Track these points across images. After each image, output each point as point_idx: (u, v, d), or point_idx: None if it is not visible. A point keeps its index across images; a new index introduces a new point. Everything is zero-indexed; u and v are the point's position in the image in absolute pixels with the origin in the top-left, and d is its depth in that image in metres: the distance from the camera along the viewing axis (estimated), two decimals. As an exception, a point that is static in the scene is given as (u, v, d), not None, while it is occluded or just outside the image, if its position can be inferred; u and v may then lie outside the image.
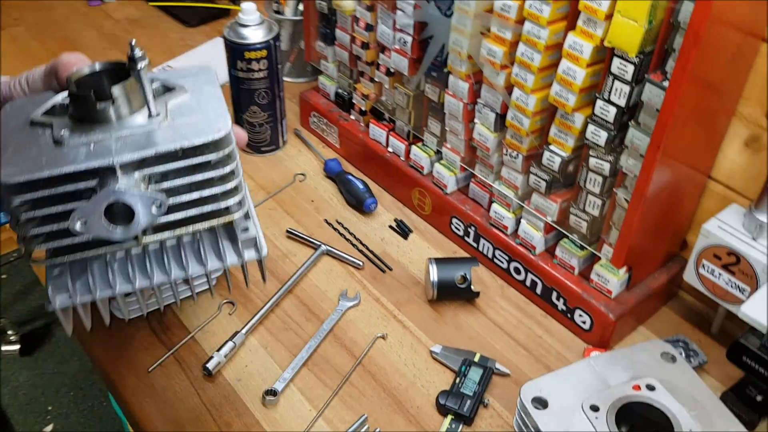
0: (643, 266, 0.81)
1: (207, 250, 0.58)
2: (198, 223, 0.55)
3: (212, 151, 0.53)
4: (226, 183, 0.54)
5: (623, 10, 0.64)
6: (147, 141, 0.52)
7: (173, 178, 0.53)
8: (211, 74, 0.61)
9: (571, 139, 0.76)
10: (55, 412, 2.04)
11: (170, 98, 0.57)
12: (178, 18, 1.46)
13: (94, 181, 0.51)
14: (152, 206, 0.51)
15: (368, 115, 1.04)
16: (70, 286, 0.55)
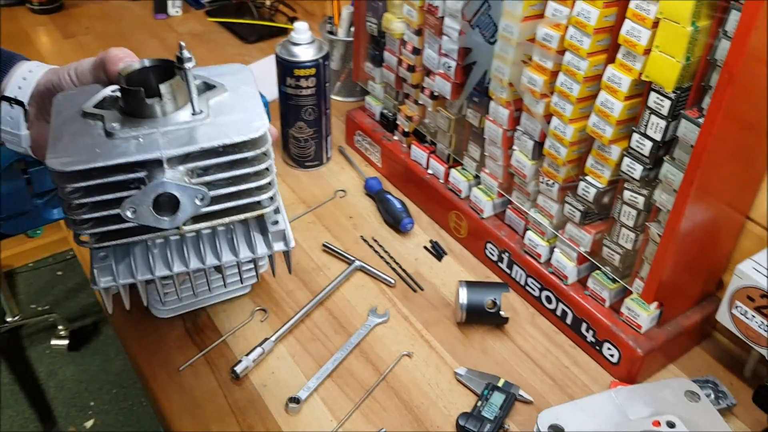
0: (676, 303, 0.80)
1: (239, 240, 0.62)
2: (233, 215, 0.58)
3: (250, 149, 0.56)
4: (260, 179, 0.58)
5: (661, 45, 0.64)
6: (191, 137, 0.55)
7: (213, 172, 0.56)
8: (248, 73, 0.64)
9: (607, 171, 0.76)
10: (96, 408, 2.10)
11: (211, 96, 0.60)
12: (237, 34, 1.51)
13: (143, 172, 0.54)
14: (196, 198, 0.54)
15: (411, 137, 1.06)
16: (113, 269, 0.59)
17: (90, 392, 2.14)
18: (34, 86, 0.70)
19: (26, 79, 0.70)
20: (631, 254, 0.78)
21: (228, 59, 1.43)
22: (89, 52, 1.45)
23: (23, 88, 0.70)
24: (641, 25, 0.66)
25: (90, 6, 1.65)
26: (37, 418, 2.06)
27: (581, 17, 0.70)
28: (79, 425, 2.05)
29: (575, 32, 0.72)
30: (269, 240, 0.61)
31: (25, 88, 0.70)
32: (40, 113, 0.71)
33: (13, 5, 1.61)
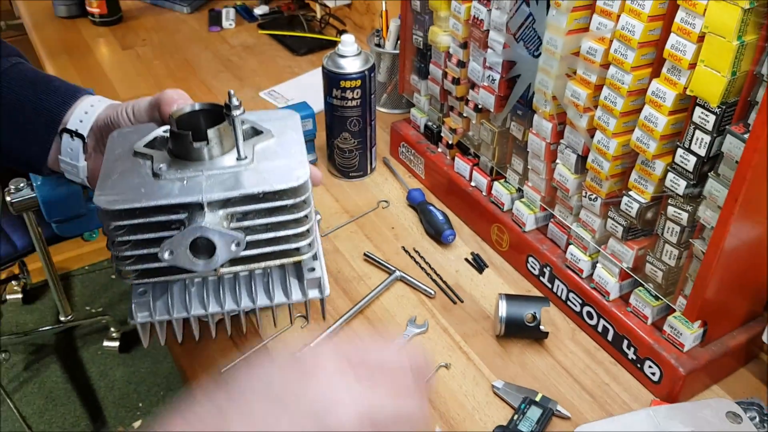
0: (720, 322, 0.79)
1: (275, 284, 0.62)
2: (270, 260, 0.58)
3: (290, 197, 0.56)
4: (299, 226, 0.58)
5: (707, 59, 0.63)
6: (233, 182, 0.56)
7: (253, 217, 0.57)
8: (296, 120, 0.64)
9: (651, 186, 0.75)
10: (144, 410, 2.15)
11: (257, 141, 0.61)
12: (287, 47, 1.54)
13: (184, 214, 0.55)
14: (232, 244, 0.54)
15: (454, 149, 1.06)
16: (151, 305, 0.60)
17: (138, 393, 2.19)
18: (94, 120, 0.72)
19: (87, 113, 0.73)
20: (674, 271, 0.77)
21: (278, 71, 1.46)
22: (145, 62, 1.51)
23: (84, 121, 0.72)
24: (686, 39, 0.65)
25: (148, 19, 1.70)
26: (87, 417, 2.12)
27: (626, 31, 0.70)
28: (127, 425, 2.10)
29: (619, 46, 0.71)
30: (304, 286, 0.61)
31: (85, 121, 0.72)
32: (97, 146, 0.73)
33: (75, 17, 1.67)
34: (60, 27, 1.66)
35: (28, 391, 2.19)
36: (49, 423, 2.10)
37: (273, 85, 1.41)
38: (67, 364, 2.28)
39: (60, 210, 0.93)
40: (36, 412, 2.12)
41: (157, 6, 1.76)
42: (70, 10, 1.67)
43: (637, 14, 0.69)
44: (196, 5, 1.74)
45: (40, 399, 2.16)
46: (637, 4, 0.68)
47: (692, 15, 0.64)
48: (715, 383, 0.82)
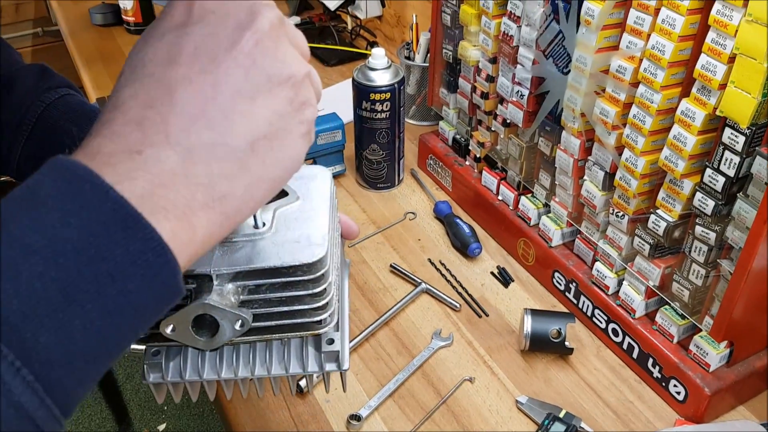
0: (747, 343, 0.78)
1: (291, 353, 0.59)
2: (286, 333, 0.56)
3: (304, 273, 0.53)
4: (316, 300, 0.54)
5: (737, 80, 0.63)
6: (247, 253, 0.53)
7: (266, 290, 0.54)
8: (325, 180, 0.60)
9: (679, 205, 0.75)
10: (169, 413, 2.18)
11: (280, 205, 0.57)
12: (318, 58, 1.56)
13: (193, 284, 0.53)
14: (236, 323, 0.52)
15: (482, 163, 1.07)
16: (163, 367, 0.59)
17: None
18: None
19: None
20: (701, 291, 0.77)
21: (308, 81, 1.48)
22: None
23: None
24: (717, 60, 0.65)
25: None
26: (113, 418, 2.15)
27: (656, 50, 0.70)
28: (152, 428, 2.13)
29: (649, 65, 0.72)
30: (321, 358, 0.58)
31: None
32: None
33: (111, 25, 1.71)
34: (96, 35, 1.70)
35: (57, 391, 2.22)
36: (76, 423, 2.14)
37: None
38: (95, 366, 2.31)
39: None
40: (63, 412, 2.16)
41: (190, 16, 1.79)
42: (106, 18, 1.71)
43: (668, 34, 0.69)
44: (229, 15, 1.76)
45: (67, 399, 2.20)
46: (668, 24, 0.68)
47: (723, 36, 0.64)
48: (740, 404, 0.82)
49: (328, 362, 0.58)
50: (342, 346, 0.58)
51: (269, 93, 0.38)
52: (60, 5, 1.84)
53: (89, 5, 1.75)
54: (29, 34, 2.25)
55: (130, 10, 1.64)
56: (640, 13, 0.72)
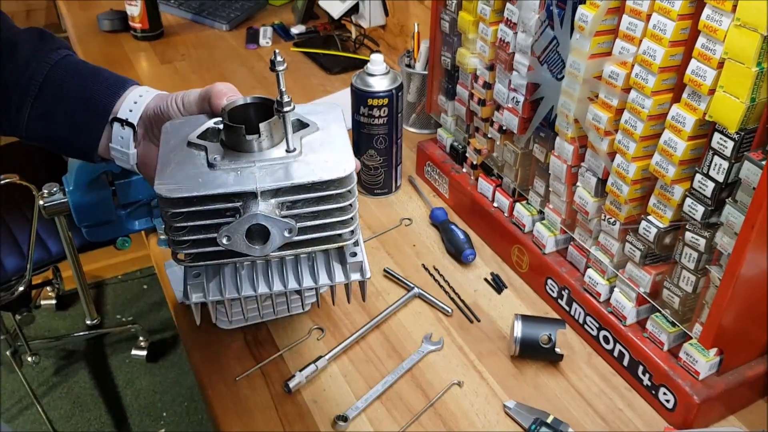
0: (737, 352, 0.77)
1: (319, 267, 0.66)
2: (316, 246, 0.63)
3: (336, 187, 0.60)
4: (344, 214, 0.61)
5: (726, 85, 0.64)
6: (284, 173, 0.59)
7: (301, 206, 0.60)
8: (339, 113, 0.68)
9: (670, 211, 0.75)
10: (168, 419, 2.17)
11: (305, 134, 0.64)
12: (321, 65, 1.57)
13: (238, 202, 0.59)
14: (285, 231, 0.58)
15: (478, 170, 1.07)
16: (204, 286, 0.64)
17: (163, 403, 2.22)
18: (143, 109, 0.75)
19: (137, 103, 0.76)
20: (691, 298, 0.77)
21: (311, 89, 1.49)
22: (183, 76, 1.55)
23: (134, 111, 0.75)
24: (707, 64, 0.65)
25: (188, 35, 1.75)
26: (112, 424, 2.15)
27: (647, 56, 0.70)
28: (150, 433, 2.13)
29: (641, 70, 0.72)
30: (347, 270, 0.65)
31: (135, 111, 0.75)
32: (147, 134, 0.76)
33: (118, 32, 1.73)
34: (103, 41, 1.72)
35: (57, 395, 2.23)
36: (75, 428, 2.13)
37: (305, 102, 1.43)
38: (96, 371, 2.32)
39: (90, 215, 0.96)
40: (63, 417, 2.16)
41: (197, 23, 1.81)
42: (113, 24, 1.73)
43: (659, 39, 0.69)
44: (235, 23, 1.78)
45: (67, 404, 2.20)
46: (659, 29, 0.69)
47: (713, 41, 0.64)
48: (731, 414, 0.81)
49: (353, 272, 0.66)
50: (363, 258, 0.66)
51: None
52: (69, 11, 1.87)
53: (97, 11, 1.77)
54: (39, 39, 2.28)
55: (137, 16, 1.66)
56: (632, 18, 0.72)
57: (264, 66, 1.59)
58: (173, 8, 1.84)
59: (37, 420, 2.11)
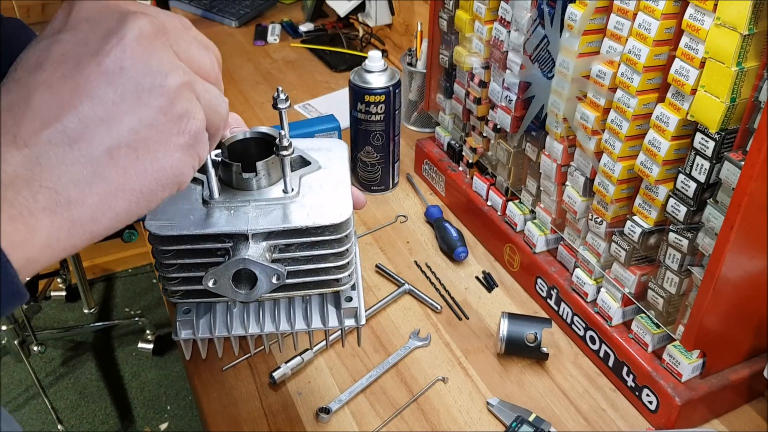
0: (721, 355, 0.77)
1: (313, 310, 0.64)
2: (310, 289, 0.61)
3: (332, 233, 0.58)
4: (339, 259, 0.59)
5: (707, 85, 0.63)
6: (279, 215, 0.58)
7: (295, 249, 0.59)
8: (344, 151, 0.65)
9: (655, 212, 0.75)
10: (172, 412, 2.19)
11: (304, 173, 0.62)
12: (326, 62, 1.58)
13: (229, 243, 0.58)
14: (273, 277, 0.56)
15: (474, 168, 1.07)
16: (194, 324, 0.63)
17: (167, 396, 2.24)
18: None
19: None
20: (675, 299, 0.76)
21: (315, 85, 1.50)
22: (189, 72, 1.56)
23: None
24: (690, 64, 0.65)
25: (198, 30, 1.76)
26: (117, 415, 2.17)
27: (632, 55, 0.70)
28: (154, 427, 2.15)
29: (626, 69, 0.72)
30: (341, 314, 0.63)
31: None
32: None
33: (129, 27, 1.75)
34: (114, 35, 1.73)
35: (63, 386, 2.25)
36: (80, 418, 2.16)
37: (309, 98, 1.44)
38: (102, 363, 2.35)
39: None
40: (68, 407, 2.19)
41: (207, 19, 1.82)
42: (124, 19, 1.75)
43: (644, 38, 0.69)
44: (245, 20, 1.80)
45: (73, 394, 2.23)
46: (644, 28, 0.69)
47: (695, 40, 0.64)
48: (715, 417, 0.81)
49: (347, 318, 0.64)
50: (359, 303, 0.63)
51: (137, 101, 0.38)
52: (82, 6, 1.89)
53: (110, 6, 1.80)
54: (55, 34, 2.30)
55: (147, 11, 1.68)
56: (620, 18, 0.72)
57: (271, 62, 1.60)
58: (184, 4, 1.86)
59: (43, 410, 2.13)
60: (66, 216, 0.36)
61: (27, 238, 0.34)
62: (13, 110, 0.36)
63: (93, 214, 0.37)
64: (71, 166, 0.36)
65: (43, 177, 0.35)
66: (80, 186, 0.36)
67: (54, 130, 0.36)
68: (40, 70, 0.37)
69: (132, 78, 0.37)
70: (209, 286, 0.56)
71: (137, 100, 0.38)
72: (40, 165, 0.35)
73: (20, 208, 0.34)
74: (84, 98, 0.36)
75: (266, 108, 1.42)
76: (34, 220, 0.35)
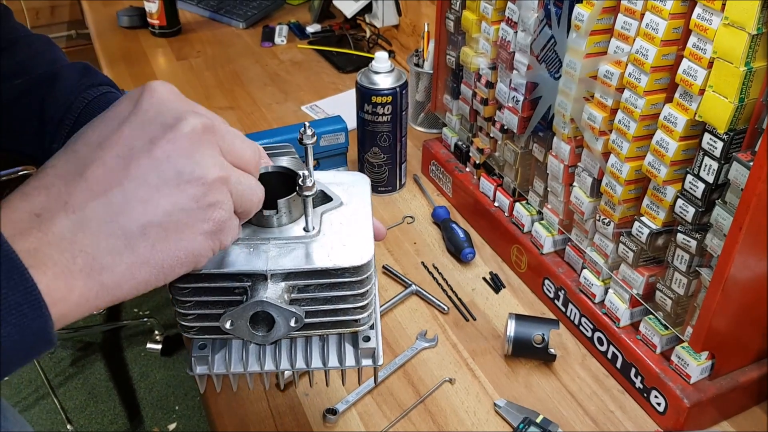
0: (730, 356, 0.77)
1: (330, 349, 0.63)
2: (328, 329, 0.59)
3: (352, 275, 0.56)
4: (360, 300, 0.58)
5: (715, 85, 0.63)
6: (299, 254, 0.56)
7: (314, 290, 0.57)
8: (366, 186, 0.64)
9: (662, 212, 0.75)
10: (180, 413, 2.20)
11: (326, 209, 0.61)
12: (334, 64, 1.58)
13: (248, 282, 0.56)
14: (291, 320, 0.55)
15: (481, 169, 1.07)
16: (209, 359, 0.62)
17: (176, 397, 2.24)
18: None
19: None
20: (684, 300, 0.76)
21: (322, 86, 1.50)
22: (197, 73, 1.57)
23: None
24: (697, 64, 0.65)
25: (204, 32, 1.77)
26: (125, 416, 2.18)
27: (640, 55, 0.70)
28: (162, 427, 2.15)
29: (634, 70, 0.72)
30: (358, 354, 0.62)
31: None
32: None
33: (137, 28, 1.76)
34: (121, 37, 1.74)
35: (72, 386, 2.26)
36: (89, 418, 2.17)
37: (316, 100, 1.44)
38: (111, 363, 2.35)
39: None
40: (77, 407, 2.20)
41: (214, 20, 1.83)
42: (132, 20, 1.76)
43: (651, 38, 0.69)
44: (252, 21, 1.80)
45: (82, 394, 2.24)
46: (651, 28, 0.68)
47: (703, 40, 0.64)
48: (724, 419, 0.80)
49: (364, 358, 0.62)
50: (377, 343, 0.62)
51: (175, 188, 0.42)
52: (90, 7, 1.90)
53: (117, 8, 1.81)
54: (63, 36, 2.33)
55: (155, 13, 1.69)
56: (627, 18, 0.72)
57: (278, 64, 1.61)
58: (192, 5, 1.87)
59: (53, 409, 2.14)
60: (97, 279, 0.40)
61: (65, 296, 0.39)
62: (67, 179, 0.40)
63: (119, 281, 0.41)
64: (109, 236, 0.40)
65: (85, 243, 0.39)
66: (113, 254, 0.40)
67: (100, 202, 0.40)
68: (100, 149, 0.41)
69: (175, 167, 0.42)
70: (226, 328, 0.56)
71: (175, 187, 0.42)
72: (83, 231, 0.39)
73: (62, 267, 0.38)
74: (131, 179, 0.41)
75: (273, 109, 1.42)
76: (72, 280, 0.39)
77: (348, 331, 0.60)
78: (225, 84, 1.52)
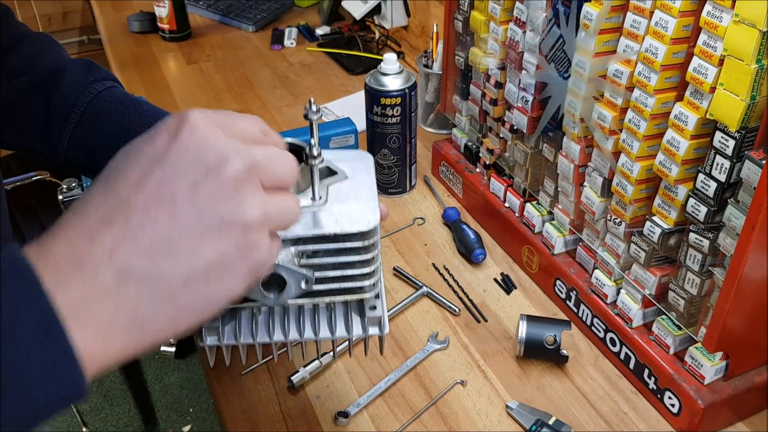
0: (745, 357, 0.76)
1: (337, 318, 0.64)
2: (335, 296, 0.61)
3: (359, 240, 0.58)
4: (365, 267, 0.59)
5: (726, 83, 0.63)
6: (307, 221, 0.58)
7: (322, 255, 0.59)
8: (370, 162, 0.66)
9: (674, 212, 0.74)
10: (194, 415, 2.21)
11: (332, 182, 0.63)
12: (343, 66, 1.58)
13: None
14: (302, 282, 0.57)
15: (491, 170, 1.06)
16: (220, 330, 0.63)
17: (190, 399, 2.25)
18: None
19: None
20: (697, 300, 0.75)
21: (332, 89, 1.50)
22: (207, 77, 1.57)
23: None
24: (708, 62, 0.64)
25: (214, 36, 1.78)
26: (140, 418, 2.19)
27: (649, 53, 0.70)
28: (177, 429, 2.16)
29: (643, 68, 0.71)
30: (365, 323, 0.64)
31: None
32: None
33: (147, 33, 1.77)
34: (132, 41, 1.75)
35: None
36: (105, 421, 2.18)
37: (325, 102, 1.44)
38: (126, 366, 2.36)
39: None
40: (93, 410, 2.21)
41: (224, 24, 1.84)
42: (142, 25, 1.76)
43: (661, 37, 0.68)
44: (262, 24, 1.81)
45: (97, 397, 2.25)
46: (661, 26, 0.68)
47: (714, 38, 0.63)
48: (739, 420, 0.79)
49: (371, 326, 0.64)
50: (383, 312, 0.63)
51: (218, 234, 0.41)
52: (101, 13, 1.91)
53: (128, 13, 1.82)
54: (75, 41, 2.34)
55: (165, 17, 1.69)
56: (636, 16, 0.72)
57: (288, 66, 1.61)
58: (202, 9, 1.87)
59: (68, 412, 2.16)
60: (138, 332, 0.40)
61: (105, 351, 0.38)
62: (111, 226, 0.39)
63: (158, 332, 0.41)
64: (153, 288, 0.39)
65: (129, 295, 0.39)
66: (155, 306, 0.40)
67: (146, 254, 0.39)
68: (140, 191, 0.40)
69: (219, 213, 0.41)
70: None
71: (218, 233, 0.41)
72: (126, 284, 0.39)
73: (104, 321, 0.38)
74: (176, 228, 0.40)
75: (283, 112, 1.43)
76: (112, 335, 0.38)
77: (355, 298, 0.62)
78: (235, 87, 1.52)
